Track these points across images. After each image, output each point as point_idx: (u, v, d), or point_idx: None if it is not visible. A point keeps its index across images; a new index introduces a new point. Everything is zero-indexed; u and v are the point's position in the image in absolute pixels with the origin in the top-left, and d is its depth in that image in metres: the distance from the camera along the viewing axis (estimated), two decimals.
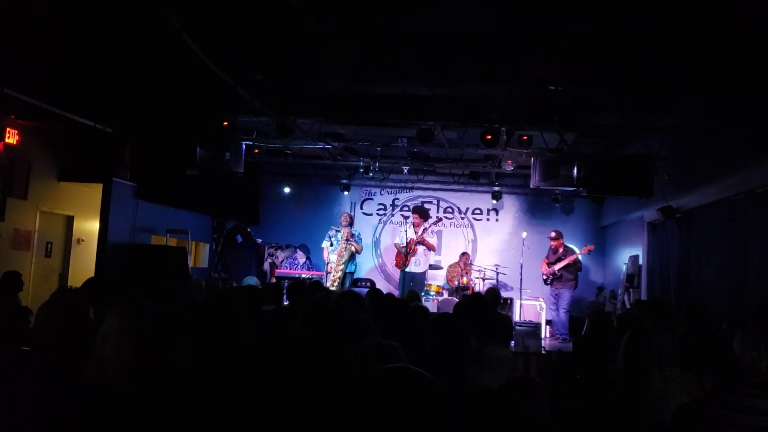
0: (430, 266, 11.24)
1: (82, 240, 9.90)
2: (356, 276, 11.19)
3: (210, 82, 6.98)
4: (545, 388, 2.66)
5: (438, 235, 13.29)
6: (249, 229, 12.65)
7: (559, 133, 8.32)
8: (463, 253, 12.08)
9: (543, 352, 8.19)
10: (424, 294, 10.21)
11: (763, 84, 6.17)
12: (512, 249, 12.71)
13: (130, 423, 2.38)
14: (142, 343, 2.76)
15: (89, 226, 9.85)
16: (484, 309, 5.00)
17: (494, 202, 13.25)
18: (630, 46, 6.32)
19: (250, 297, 5.01)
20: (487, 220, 13.65)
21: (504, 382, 2.73)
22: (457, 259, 12.04)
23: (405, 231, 10.79)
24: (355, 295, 4.23)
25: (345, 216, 10.84)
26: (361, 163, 11.44)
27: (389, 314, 4.65)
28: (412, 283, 10.12)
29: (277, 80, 7.94)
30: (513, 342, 7.65)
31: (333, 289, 9.34)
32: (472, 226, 13.67)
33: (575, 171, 8.49)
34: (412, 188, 13.65)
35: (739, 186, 7.16)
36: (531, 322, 9.40)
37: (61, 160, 9.12)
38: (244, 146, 9.44)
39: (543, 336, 9.79)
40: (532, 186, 9.25)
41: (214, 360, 2.42)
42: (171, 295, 5.84)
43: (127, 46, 6.53)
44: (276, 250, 12.73)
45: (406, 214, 13.30)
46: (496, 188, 13.03)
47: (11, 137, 7.87)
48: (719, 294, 7.59)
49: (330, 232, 10.61)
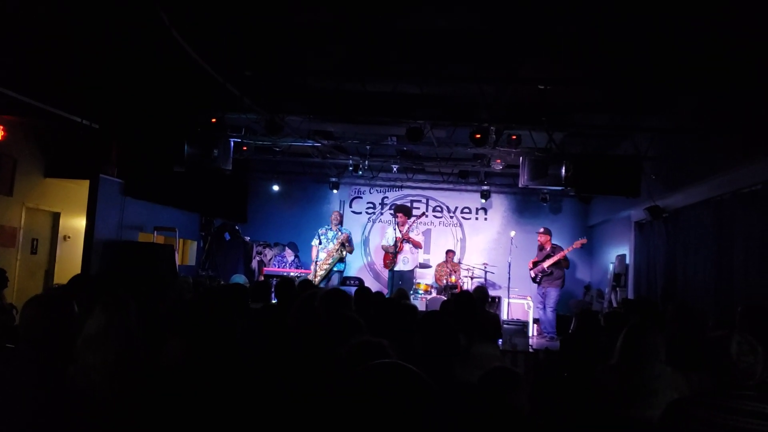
0: (420, 265, 11.25)
1: (69, 237, 9.81)
2: (345, 275, 11.18)
3: (199, 79, 6.93)
4: (524, 379, 2.69)
5: (426, 234, 13.31)
6: (237, 227, 12.59)
7: (547, 132, 8.36)
8: (448, 251, 12.10)
9: (530, 350, 8.24)
10: (412, 292, 10.23)
11: (751, 85, 6.22)
12: (501, 248, 12.76)
13: (117, 425, 2.37)
14: (127, 346, 2.72)
15: (76, 223, 9.77)
16: (472, 307, 5.01)
17: (483, 201, 13.29)
18: (619, 47, 6.35)
19: (238, 295, 5.00)
20: (476, 219, 13.69)
21: (484, 374, 2.75)
22: (444, 258, 12.06)
23: (393, 229, 10.79)
24: (341, 293, 4.23)
25: (336, 215, 10.80)
26: (351, 162, 11.41)
27: (378, 312, 4.66)
28: (401, 282, 10.13)
29: (266, 77, 7.91)
30: (501, 340, 7.68)
31: (314, 282, 9.32)
32: (460, 225, 13.70)
33: (563, 170, 8.52)
34: (401, 187, 13.66)
35: (726, 186, 7.21)
36: (519, 321, 9.44)
37: (48, 156, 9.03)
38: (232, 143, 9.38)
39: (530, 334, 9.85)
40: (520, 185, 9.27)
41: (208, 356, 2.41)
42: (159, 293, 5.81)
43: (115, 41, 6.48)
44: (264, 248, 12.67)
45: None
46: (485, 187, 13.07)
47: None
48: (706, 293, 7.64)
49: (321, 230, 10.58)
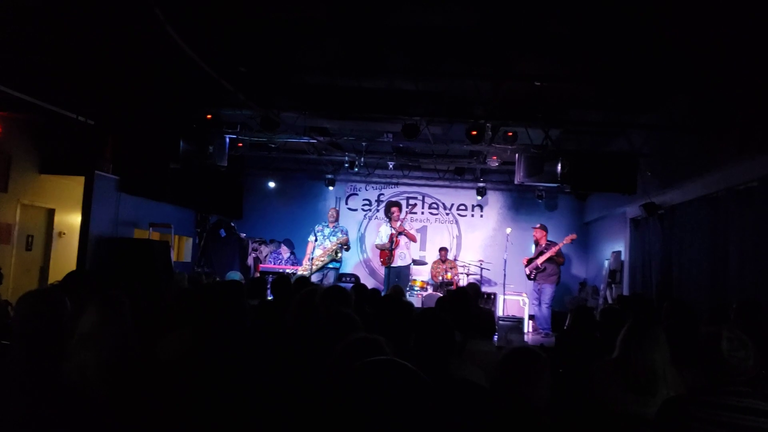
0: (414, 261, 11.25)
1: (64, 233, 9.78)
2: (341, 271, 11.18)
3: (194, 75, 6.91)
4: (548, 360, 2.51)
5: (422, 231, 13.33)
6: (233, 224, 12.58)
7: (543, 129, 8.38)
8: (441, 249, 12.11)
9: None
10: (408, 289, 10.24)
11: (745, 82, 6.24)
12: (496, 245, 12.76)
13: (112, 422, 2.36)
14: (121, 343, 2.71)
15: (71, 219, 9.74)
16: (467, 304, 5.02)
17: (479, 198, 13.29)
18: (614, 44, 6.36)
19: (234, 291, 4.99)
20: (472, 216, 13.70)
21: (504, 353, 2.60)
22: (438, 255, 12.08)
23: (387, 226, 10.78)
24: (341, 290, 4.22)
25: (332, 212, 10.80)
26: (346, 158, 11.40)
27: (374, 309, 4.66)
28: (397, 279, 10.14)
29: (261, 73, 7.89)
30: (496, 336, 7.71)
31: (305, 274, 9.31)
32: (456, 222, 13.71)
33: (559, 167, 8.55)
34: (397, 184, 13.65)
35: (721, 183, 7.24)
36: (514, 317, 9.47)
37: (43, 152, 8.99)
38: (227, 140, 9.38)
39: (526, 330, 9.88)
40: (516, 182, 9.30)
41: (214, 348, 2.40)
42: (154, 289, 5.80)
43: (110, 38, 6.45)
44: (260, 244, 12.66)
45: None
46: (481, 184, 13.08)
47: None
48: (701, 289, 7.66)
49: (317, 227, 10.56)
